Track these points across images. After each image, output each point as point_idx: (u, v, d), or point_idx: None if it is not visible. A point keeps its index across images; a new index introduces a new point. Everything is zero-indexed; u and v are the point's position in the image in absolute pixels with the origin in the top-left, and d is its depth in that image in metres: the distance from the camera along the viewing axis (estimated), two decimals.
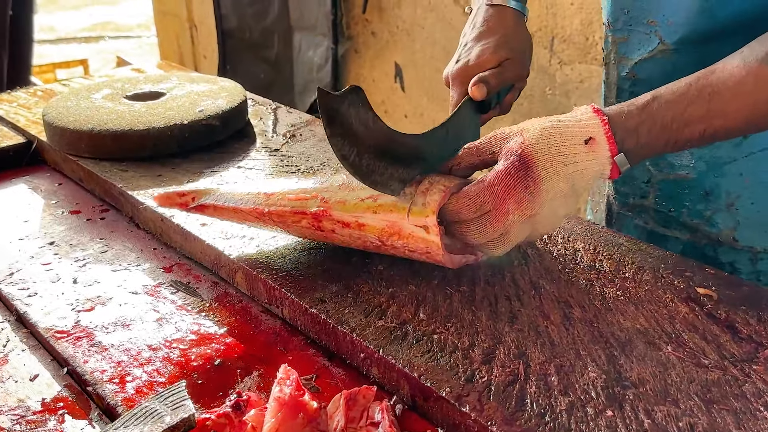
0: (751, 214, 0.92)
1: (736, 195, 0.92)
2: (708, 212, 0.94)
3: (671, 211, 0.98)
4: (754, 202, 0.91)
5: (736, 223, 0.93)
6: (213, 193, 0.89)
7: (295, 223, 0.83)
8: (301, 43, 3.04)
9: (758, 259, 0.94)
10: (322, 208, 0.81)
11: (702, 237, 0.96)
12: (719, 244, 0.95)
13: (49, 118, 1.18)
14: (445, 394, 0.64)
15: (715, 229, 0.95)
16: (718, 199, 0.93)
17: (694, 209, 0.96)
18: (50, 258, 0.94)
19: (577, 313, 0.75)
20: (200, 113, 1.18)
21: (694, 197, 0.95)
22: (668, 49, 0.89)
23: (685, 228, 0.97)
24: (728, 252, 0.95)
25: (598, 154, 0.74)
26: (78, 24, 7.64)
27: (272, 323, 0.81)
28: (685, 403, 0.63)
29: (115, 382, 0.72)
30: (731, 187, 0.92)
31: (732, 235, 0.94)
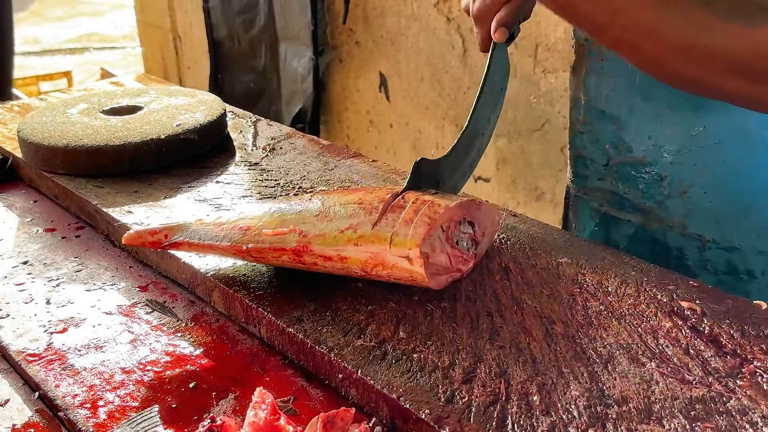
0: (702, 203, 0.94)
1: (689, 183, 0.94)
2: (661, 197, 0.96)
3: (626, 193, 1.00)
4: (706, 191, 0.93)
5: (687, 211, 0.95)
6: (186, 229, 0.85)
7: (275, 259, 0.81)
8: (286, 53, 3.03)
9: (706, 248, 0.95)
10: (302, 243, 0.79)
11: (653, 221, 0.98)
12: (669, 230, 0.97)
13: (24, 134, 1.16)
14: (424, 416, 0.62)
15: (667, 214, 0.96)
16: (671, 185, 0.95)
17: (648, 193, 0.98)
18: (24, 278, 0.92)
19: (559, 328, 0.74)
20: (178, 127, 1.16)
21: (650, 181, 0.97)
22: None
23: (638, 211, 0.99)
24: (677, 238, 0.97)
25: None
26: (63, 35, 7.61)
27: (249, 343, 0.80)
28: (669, 421, 0.61)
29: (87, 407, 0.70)
30: (685, 175, 0.94)
31: (683, 221, 0.96)
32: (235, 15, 3.25)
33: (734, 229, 0.93)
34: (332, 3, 2.76)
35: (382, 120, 2.73)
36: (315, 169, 1.13)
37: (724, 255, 0.95)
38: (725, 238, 0.94)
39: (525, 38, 2.07)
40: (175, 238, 0.84)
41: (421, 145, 2.57)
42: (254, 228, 0.82)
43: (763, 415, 0.62)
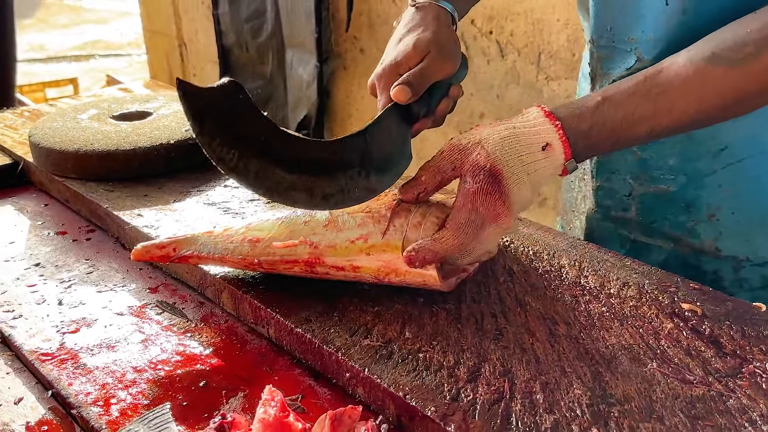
0: (732, 223, 0.93)
1: (717, 206, 0.93)
2: (690, 223, 0.96)
3: (653, 223, 0.99)
4: (734, 212, 0.93)
5: (718, 234, 0.95)
6: (195, 243, 0.85)
7: (287, 270, 0.82)
8: (292, 60, 3.05)
9: (741, 267, 0.95)
10: (313, 255, 0.80)
11: (685, 247, 0.98)
12: (702, 254, 0.96)
13: (36, 138, 1.17)
14: (430, 413, 0.64)
15: (698, 240, 0.96)
16: (699, 210, 0.95)
17: (675, 221, 0.97)
18: (36, 279, 0.94)
19: (562, 329, 0.75)
20: (186, 132, 1.18)
21: (676, 209, 0.96)
22: (646, 66, 0.88)
23: (668, 239, 0.99)
24: (711, 261, 0.96)
25: (553, 159, 0.76)
26: (68, 42, 7.65)
27: (258, 343, 0.81)
28: (669, 419, 0.63)
29: (100, 404, 0.71)
30: (711, 198, 0.93)
31: (715, 245, 0.95)
32: (243, 22, 3.27)
33: (764, 243, 0.94)
34: (336, 11, 2.78)
35: None
36: None
37: (759, 271, 0.95)
38: (758, 254, 0.94)
39: (528, 46, 2.09)
40: (183, 252, 0.85)
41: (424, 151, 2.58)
42: (264, 240, 0.83)
43: (761, 414, 0.63)
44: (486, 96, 2.24)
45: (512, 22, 2.12)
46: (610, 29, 0.93)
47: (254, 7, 3.19)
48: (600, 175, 1.02)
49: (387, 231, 0.78)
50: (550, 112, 0.77)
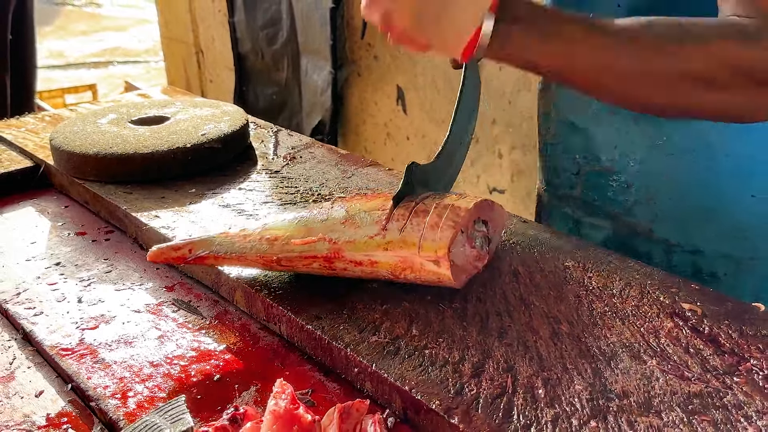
0: (668, 209, 0.98)
1: (655, 190, 0.98)
2: (629, 204, 1.01)
3: (596, 201, 1.04)
4: (671, 198, 0.97)
5: (654, 216, 0.99)
6: (211, 243, 0.88)
7: (305, 267, 0.84)
8: (307, 67, 3.08)
9: (672, 251, 0.99)
10: (333, 250, 0.82)
11: (622, 227, 1.02)
12: (637, 235, 1.01)
13: (56, 142, 1.21)
14: (434, 406, 0.66)
15: (634, 220, 1.01)
16: (638, 192, 0.99)
17: (616, 200, 1.02)
18: (56, 278, 0.97)
19: (565, 328, 0.77)
20: (203, 137, 1.21)
21: (617, 187, 1.01)
22: None
23: (608, 217, 1.04)
24: (645, 243, 1.01)
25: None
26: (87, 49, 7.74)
27: (270, 340, 0.84)
28: (667, 414, 0.65)
29: (117, 397, 0.74)
30: (651, 182, 0.98)
31: (649, 227, 1.00)
32: (259, 29, 3.31)
33: (698, 233, 0.97)
34: (351, 18, 2.81)
35: (399, 132, 2.77)
36: (333, 177, 1.17)
37: (690, 258, 0.98)
38: (690, 242, 0.98)
39: None
40: (199, 253, 0.87)
41: None
42: (282, 238, 0.85)
43: (757, 410, 0.65)
44: (498, 102, 2.26)
45: None
46: None
47: (270, 15, 3.23)
48: (551, 153, 1.08)
49: (404, 228, 0.81)
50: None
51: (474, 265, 0.85)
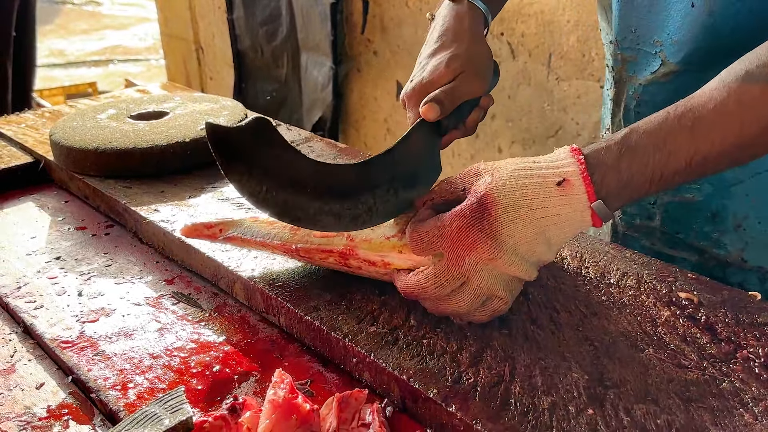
0: (758, 234, 0.91)
1: (743, 216, 0.91)
2: (716, 234, 0.94)
3: (678, 234, 0.97)
4: (761, 221, 0.91)
5: (744, 244, 0.93)
6: (240, 226, 0.89)
7: (322, 260, 0.85)
8: (307, 63, 3.09)
9: (767, 278, 0.93)
10: (348, 246, 0.82)
11: (710, 259, 0.96)
12: (728, 265, 0.95)
13: (56, 137, 1.21)
14: (432, 395, 0.66)
15: (724, 251, 0.94)
16: (725, 220, 0.93)
17: (701, 231, 0.95)
18: (56, 272, 0.97)
19: (563, 318, 0.78)
20: (202, 131, 1.21)
21: (701, 219, 0.94)
22: (672, 71, 0.88)
23: (693, 249, 0.97)
24: (737, 273, 0.94)
25: (573, 198, 0.69)
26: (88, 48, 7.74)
27: (269, 331, 0.84)
28: (664, 401, 0.65)
29: (118, 388, 0.74)
30: (738, 208, 0.91)
31: (741, 255, 0.93)
32: (259, 26, 3.32)
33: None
34: (351, 14, 2.82)
35: (399, 128, 2.77)
36: None
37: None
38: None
39: (538, 47, 2.11)
40: (229, 233, 0.89)
41: None
42: (304, 229, 0.85)
43: (753, 397, 0.65)
44: (497, 97, 2.26)
45: (523, 23, 2.14)
46: (634, 30, 0.90)
47: (269, 12, 3.24)
48: None
49: None
50: (576, 149, 0.71)
51: None
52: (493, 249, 0.70)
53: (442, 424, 0.66)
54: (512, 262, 0.70)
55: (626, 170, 0.69)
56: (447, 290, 0.72)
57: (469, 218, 0.70)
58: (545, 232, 0.70)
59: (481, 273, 0.71)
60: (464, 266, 0.71)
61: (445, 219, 0.72)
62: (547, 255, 0.72)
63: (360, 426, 0.68)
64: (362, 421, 0.68)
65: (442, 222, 0.72)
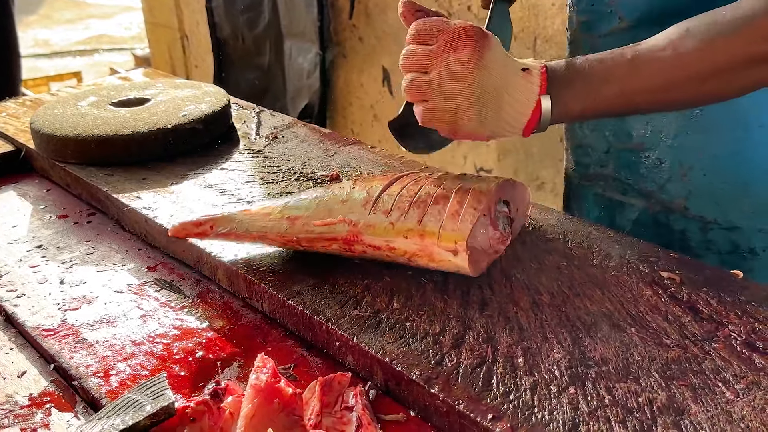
0: (702, 185, 0.96)
1: (689, 166, 0.96)
2: (662, 180, 0.99)
3: (628, 179, 1.02)
4: (705, 173, 0.95)
5: (687, 192, 0.97)
6: (232, 221, 0.87)
7: (325, 248, 0.84)
8: (291, 50, 3.07)
9: (708, 228, 0.97)
10: (352, 233, 0.82)
11: (656, 204, 1.00)
12: (672, 213, 0.99)
13: (36, 125, 1.20)
14: (415, 377, 0.66)
15: (668, 197, 0.99)
16: (671, 168, 0.97)
17: (649, 177, 1.00)
18: (38, 260, 0.96)
19: (545, 299, 0.78)
20: (184, 117, 1.20)
21: (649, 164, 0.99)
22: (627, 26, 0.94)
23: (641, 195, 1.02)
24: (680, 220, 0.99)
25: (529, 81, 0.78)
26: (73, 38, 7.67)
27: (252, 317, 0.84)
28: (645, 380, 0.65)
29: (100, 376, 0.74)
30: (684, 157, 0.96)
31: (684, 203, 0.98)
32: (239, 14, 3.29)
33: (734, 208, 0.95)
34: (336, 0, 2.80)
35: (385, 114, 2.76)
36: (315, 155, 1.17)
37: (727, 235, 0.96)
38: (726, 218, 0.96)
39: (524, 30, 2.11)
40: (221, 230, 0.87)
41: None
42: (302, 218, 0.85)
43: (735, 374, 0.65)
44: None
45: None
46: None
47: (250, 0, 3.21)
48: (581, 131, 1.06)
49: (424, 217, 0.80)
50: None
51: (495, 249, 0.84)
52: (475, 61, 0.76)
53: (425, 406, 0.66)
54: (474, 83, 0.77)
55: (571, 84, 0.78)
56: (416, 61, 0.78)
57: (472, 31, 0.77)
58: (501, 94, 0.77)
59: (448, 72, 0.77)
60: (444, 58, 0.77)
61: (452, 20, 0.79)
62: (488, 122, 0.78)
63: (343, 409, 0.68)
64: (345, 405, 0.68)
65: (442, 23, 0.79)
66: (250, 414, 0.64)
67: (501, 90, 0.77)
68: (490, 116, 0.78)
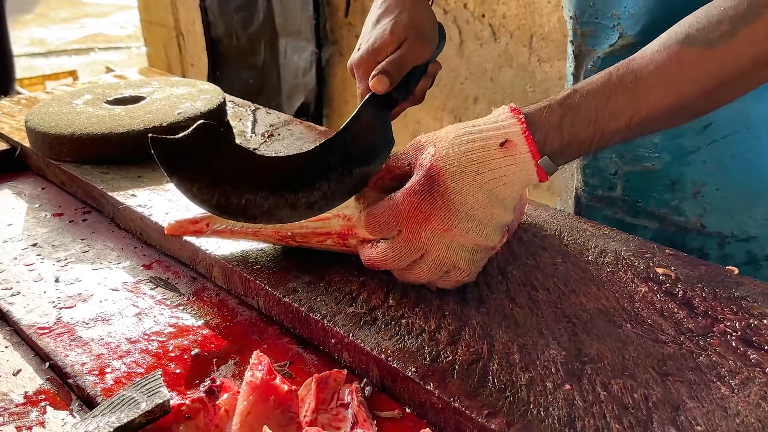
0: (716, 200, 0.94)
1: (702, 182, 0.94)
2: (675, 201, 0.96)
3: (639, 202, 1.00)
4: (719, 188, 0.93)
5: (702, 210, 0.95)
6: None
7: (319, 243, 0.84)
8: (286, 49, 3.07)
9: (726, 243, 0.96)
10: (346, 227, 0.81)
11: (670, 225, 0.98)
12: (687, 231, 0.97)
13: (31, 124, 1.20)
14: (410, 373, 0.66)
15: (683, 217, 0.97)
16: (684, 187, 0.95)
17: (661, 199, 0.97)
18: (33, 259, 0.96)
19: (542, 295, 0.78)
20: (179, 115, 1.20)
21: (661, 187, 0.97)
22: (629, 43, 0.91)
23: (653, 217, 0.99)
24: (696, 238, 0.97)
25: (516, 158, 0.70)
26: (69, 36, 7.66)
27: (248, 314, 0.84)
28: (641, 376, 0.65)
29: (95, 373, 0.74)
30: (696, 175, 0.94)
31: (699, 221, 0.96)
32: (233, 12, 3.29)
33: (749, 219, 0.94)
34: None
35: None
36: None
37: (743, 246, 0.95)
38: (742, 229, 0.94)
39: (520, 28, 2.11)
40: (217, 227, 0.86)
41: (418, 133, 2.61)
42: None
43: (730, 370, 0.65)
44: (479, 80, 2.26)
45: (504, 4, 2.13)
46: (593, 5, 0.94)
47: None
48: (586, 155, 1.03)
49: None
50: (516, 108, 0.72)
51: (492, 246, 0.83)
52: (447, 219, 0.71)
53: (421, 403, 0.66)
54: (468, 229, 0.72)
55: (568, 129, 0.70)
56: (406, 262, 0.75)
57: (419, 193, 0.72)
58: (496, 193, 0.72)
59: (438, 245, 0.73)
60: (421, 240, 0.73)
61: (397, 198, 0.73)
62: (503, 215, 0.74)
63: (339, 406, 0.68)
64: (341, 402, 0.68)
65: (394, 201, 0.74)
66: (245, 411, 0.64)
67: (493, 195, 0.72)
68: (500, 213, 0.73)
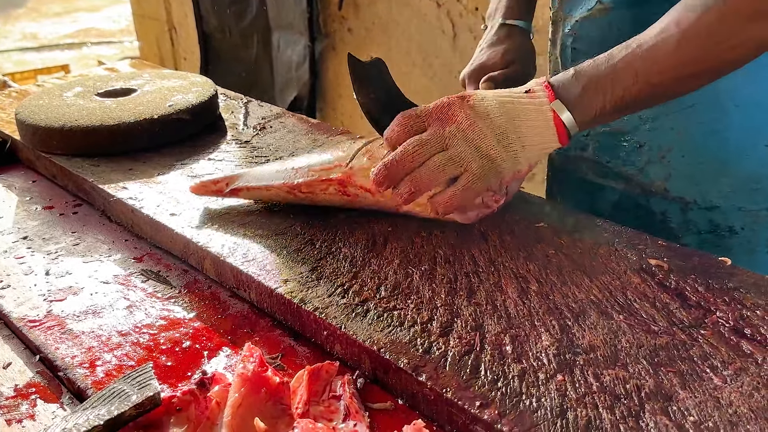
0: (681, 166, 0.97)
1: (668, 148, 0.97)
2: (642, 163, 1.00)
3: (608, 162, 1.04)
4: (684, 155, 0.97)
5: (667, 175, 0.99)
6: (244, 176, 0.96)
7: (323, 191, 0.91)
8: (279, 42, 3.05)
9: (688, 209, 0.99)
10: (346, 173, 0.90)
11: (636, 187, 1.02)
12: (651, 194, 1.01)
13: (22, 116, 1.19)
14: (403, 365, 0.66)
15: (648, 180, 1.00)
16: (651, 150, 0.99)
17: (628, 160, 1.01)
18: (23, 252, 0.96)
19: (534, 287, 0.77)
20: (170, 108, 1.20)
21: (629, 148, 1.01)
22: (605, 8, 0.96)
23: (621, 178, 1.03)
24: (660, 202, 1.00)
25: (536, 101, 0.80)
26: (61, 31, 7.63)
27: (240, 307, 0.83)
28: (633, 366, 0.65)
29: (86, 366, 0.73)
30: (663, 140, 0.97)
31: (664, 185, 0.99)
32: (226, 6, 3.27)
33: (713, 188, 0.96)
34: None
35: None
36: (303, 146, 1.17)
37: (706, 214, 0.98)
38: (705, 198, 0.97)
39: None
40: (234, 185, 0.95)
41: None
42: (304, 166, 0.93)
43: (723, 360, 0.65)
44: None
45: None
46: None
47: None
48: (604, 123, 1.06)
49: None
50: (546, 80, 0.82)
51: (486, 204, 0.87)
52: (473, 116, 0.80)
53: (413, 394, 0.66)
54: (486, 135, 0.79)
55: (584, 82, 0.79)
56: (426, 154, 0.80)
57: (448, 102, 0.81)
58: (517, 124, 0.80)
59: (458, 141, 0.79)
60: (444, 133, 0.80)
61: (425, 106, 0.82)
62: (518, 155, 0.80)
63: (331, 398, 0.68)
64: (333, 393, 0.68)
65: (422, 108, 0.82)
66: (236, 403, 0.64)
67: (512, 121, 0.79)
68: (518, 148, 0.80)
